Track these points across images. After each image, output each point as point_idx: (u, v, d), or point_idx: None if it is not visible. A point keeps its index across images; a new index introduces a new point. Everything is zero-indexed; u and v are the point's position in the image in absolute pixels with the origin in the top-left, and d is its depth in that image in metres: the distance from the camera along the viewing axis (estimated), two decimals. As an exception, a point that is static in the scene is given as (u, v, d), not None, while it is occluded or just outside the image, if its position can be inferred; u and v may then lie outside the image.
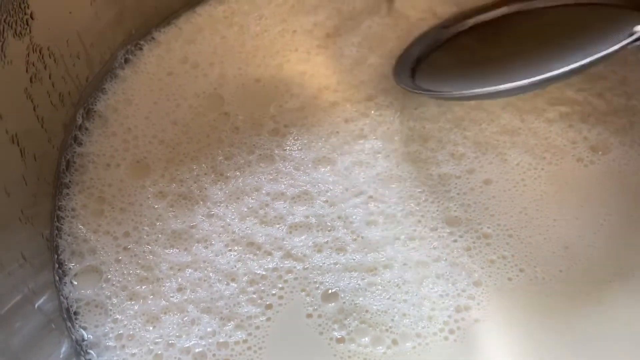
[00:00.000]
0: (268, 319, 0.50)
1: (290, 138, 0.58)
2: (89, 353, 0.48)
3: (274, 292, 0.51)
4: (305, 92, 0.60)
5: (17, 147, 0.45)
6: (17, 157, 0.45)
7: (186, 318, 0.50)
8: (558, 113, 0.59)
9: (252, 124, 0.58)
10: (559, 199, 0.55)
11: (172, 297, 0.51)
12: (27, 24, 0.45)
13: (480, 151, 0.57)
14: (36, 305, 0.44)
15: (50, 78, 0.50)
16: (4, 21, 0.43)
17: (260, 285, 0.51)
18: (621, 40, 0.48)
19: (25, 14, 0.45)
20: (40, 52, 0.48)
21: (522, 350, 0.49)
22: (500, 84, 0.50)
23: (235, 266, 0.52)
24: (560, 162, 0.57)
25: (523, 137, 0.58)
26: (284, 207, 0.54)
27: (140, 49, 0.61)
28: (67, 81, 0.53)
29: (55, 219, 0.52)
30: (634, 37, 0.48)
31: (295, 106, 0.59)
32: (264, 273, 0.52)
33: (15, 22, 0.44)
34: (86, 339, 0.49)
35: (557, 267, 0.52)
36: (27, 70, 0.46)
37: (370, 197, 0.55)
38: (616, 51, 0.47)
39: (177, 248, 0.52)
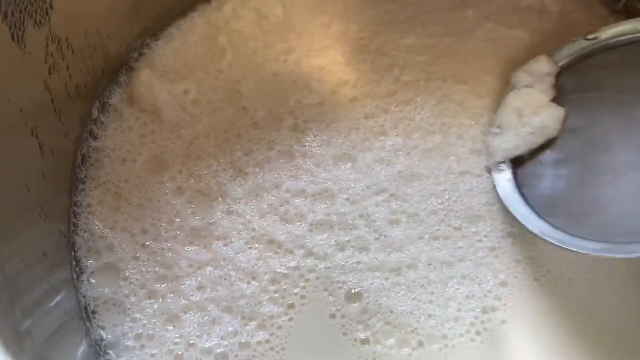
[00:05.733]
0: (290, 319, 0.49)
1: (310, 134, 0.56)
2: (108, 353, 0.47)
3: (295, 291, 0.50)
4: (324, 87, 0.59)
5: (36, 141, 0.43)
6: (36, 152, 0.44)
7: (207, 317, 0.49)
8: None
9: (271, 120, 0.57)
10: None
11: (192, 295, 0.49)
12: (47, 13, 0.44)
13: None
14: (56, 303, 0.43)
15: (67, 70, 0.48)
16: (24, 9, 0.41)
17: (282, 284, 0.50)
18: None
19: (45, 2, 0.44)
20: (58, 43, 0.46)
21: (549, 352, 0.49)
22: None
23: (256, 264, 0.51)
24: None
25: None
26: (305, 205, 0.53)
27: (156, 42, 0.60)
28: (84, 73, 0.51)
29: (72, 215, 0.50)
30: None
31: (314, 101, 0.58)
32: (285, 272, 0.51)
33: (35, 10, 0.42)
34: (105, 338, 0.47)
35: (584, 268, 0.51)
36: (45, 61, 0.45)
37: (392, 194, 0.54)
38: None
39: (197, 245, 0.51)
